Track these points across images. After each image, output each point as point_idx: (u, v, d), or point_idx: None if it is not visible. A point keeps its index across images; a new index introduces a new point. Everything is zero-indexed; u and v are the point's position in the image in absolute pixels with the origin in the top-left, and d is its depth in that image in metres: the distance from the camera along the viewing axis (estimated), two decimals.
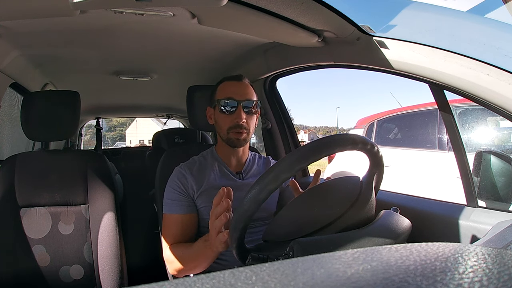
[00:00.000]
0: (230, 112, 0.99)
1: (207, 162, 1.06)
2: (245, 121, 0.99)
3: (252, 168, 1.09)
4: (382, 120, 3.55)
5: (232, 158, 1.07)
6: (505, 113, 0.74)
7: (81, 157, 1.23)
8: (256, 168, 1.10)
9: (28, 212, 1.13)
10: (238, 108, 0.99)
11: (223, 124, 1.01)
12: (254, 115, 1.02)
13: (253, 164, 1.11)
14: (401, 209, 0.71)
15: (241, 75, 1.06)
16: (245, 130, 1.00)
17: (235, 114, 0.99)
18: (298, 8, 0.83)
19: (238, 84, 1.03)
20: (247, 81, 1.05)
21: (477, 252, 0.26)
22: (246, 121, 0.99)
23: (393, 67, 0.89)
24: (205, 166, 1.04)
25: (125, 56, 1.43)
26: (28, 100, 1.18)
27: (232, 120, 0.99)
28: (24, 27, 1.02)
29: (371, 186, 0.69)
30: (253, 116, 1.02)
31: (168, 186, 1.01)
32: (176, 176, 1.01)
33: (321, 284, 0.21)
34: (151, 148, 2.64)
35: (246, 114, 0.99)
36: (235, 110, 0.99)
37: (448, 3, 0.97)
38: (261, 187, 0.58)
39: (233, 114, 0.99)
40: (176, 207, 0.97)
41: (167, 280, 0.22)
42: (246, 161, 1.09)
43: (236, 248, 0.66)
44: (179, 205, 0.97)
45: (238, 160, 1.08)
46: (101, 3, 0.76)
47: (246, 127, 1.00)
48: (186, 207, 0.97)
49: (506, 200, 0.88)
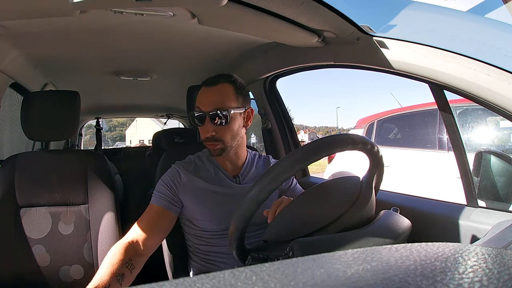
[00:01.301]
0: (200, 124, 0.95)
1: (203, 163, 1.03)
2: (214, 133, 0.93)
3: (250, 171, 1.05)
4: (382, 120, 3.55)
5: (227, 162, 1.03)
6: (505, 113, 0.74)
7: (81, 157, 1.23)
8: (255, 171, 1.06)
9: (28, 212, 1.13)
10: (206, 120, 0.93)
11: (201, 134, 0.97)
12: (226, 125, 0.93)
13: (252, 166, 1.07)
14: (401, 209, 0.71)
15: (217, 76, 0.97)
16: (216, 142, 0.94)
17: (204, 127, 0.94)
18: (298, 8, 0.83)
19: (209, 91, 0.95)
20: (226, 83, 0.95)
21: (477, 252, 0.26)
22: (216, 132, 0.93)
23: (393, 67, 0.89)
24: (201, 168, 1.02)
25: (125, 56, 1.43)
26: (28, 100, 1.18)
27: (203, 132, 0.94)
28: (24, 27, 1.02)
29: (371, 186, 0.69)
30: (226, 126, 0.93)
31: (160, 180, 1.00)
32: (170, 172, 1.01)
33: (321, 284, 0.21)
34: (151, 148, 2.64)
35: (215, 126, 0.92)
36: (203, 122, 0.94)
37: (448, 3, 0.97)
38: (261, 187, 0.58)
39: (202, 127, 0.94)
40: (160, 200, 0.96)
41: (167, 280, 0.22)
42: (244, 164, 1.05)
43: (236, 248, 0.66)
44: (163, 198, 0.96)
45: (234, 164, 1.04)
46: (101, 3, 0.76)
47: (218, 138, 0.94)
48: (168, 203, 0.95)
49: (506, 200, 0.88)
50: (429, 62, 0.82)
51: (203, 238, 1.00)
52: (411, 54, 0.85)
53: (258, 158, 1.11)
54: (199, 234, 1.00)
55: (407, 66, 0.86)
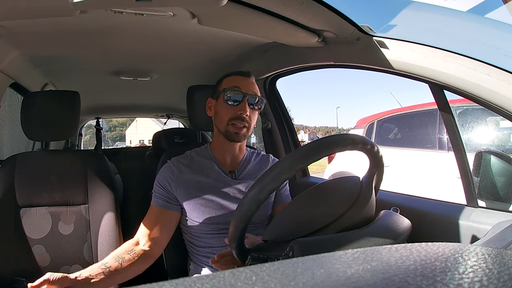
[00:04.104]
0: (234, 103, 0.99)
1: (200, 158, 1.05)
2: (248, 114, 0.98)
3: (247, 168, 1.06)
4: (382, 120, 3.55)
5: (227, 156, 1.04)
6: (505, 113, 0.74)
7: (81, 157, 1.23)
8: (251, 167, 1.07)
9: (28, 212, 1.13)
10: (244, 101, 0.98)
11: (224, 115, 0.99)
12: (256, 111, 1.02)
13: (248, 163, 1.08)
14: (401, 209, 0.71)
15: (249, 71, 1.06)
16: (246, 123, 0.99)
17: (240, 106, 0.98)
18: (298, 8, 0.83)
19: (246, 79, 1.03)
20: (254, 79, 1.06)
21: (477, 252, 0.26)
22: (249, 115, 0.99)
23: (393, 67, 0.89)
24: (197, 162, 1.04)
25: (125, 56, 1.43)
26: (28, 100, 1.18)
27: (235, 111, 0.98)
28: (24, 27, 1.02)
29: (371, 186, 0.69)
30: (255, 112, 1.02)
31: (156, 179, 1.03)
32: (163, 171, 1.03)
33: (321, 284, 0.21)
34: (151, 148, 2.64)
35: (250, 108, 0.99)
36: (239, 102, 0.98)
37: (448, 3, 0.97)
38: (261, 187, 0.58)
39: (237, 106, 0.98)
40: (159, 200, 1.00)
41: (167, 280, 0.22)
42: (241, 160, 1.07)
43: (236, 248, 0.66)
44: (161, 199, 1.00)
45: (233, 158, 1.05)
46: (101, 3, 0.76)
47: (248, 121, 0.99)
48: (166, 203, 0.99)
49: (506, 200, 0.88)
50: (429, 62, 0.82)
51: (201, 238, 1.00)
52: (411, 54, 0.85)
53: (256, 155, 1.12)
54: (195, 233, 1.01)
55: (407, 66, 0.86)
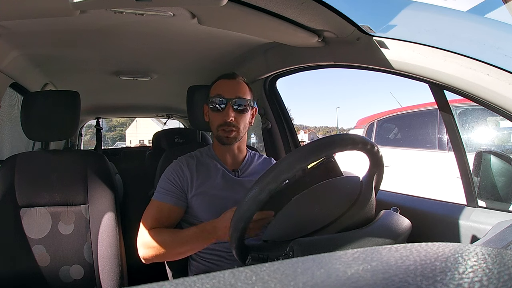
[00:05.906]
0: (220, 109, 1.01)
1: (205, 158, 1.07)
2: (233, 119, 0.99)
3: (250, 167, 1.09)
4: (382, 120, 3.55)
5: (228, 156, 1.07)
6: (505, 113, 0.74)
7: (81, 157, 1.23)
8: (254, 167, 1.09)
9: (28, 212, 1.13)
10: (227, 106, 1.00)
11: (213, 122, 1.03)
12: (244, 113, 1.02)
13: (251, 162, 1.11)
14: (401, 209, 0.71)
15: (234, 73, 1.07)
16: (233, 128, 1.00)
17: (224, 112, 1.00)
18: (298, 8, 0.83)
19: (230, 82, 1.04)
20: (241, 79, 1.06)
21: (477, 252, 0.26)
22: (234, 119, 0.99)
23: (393, 67, 0.89)
24: (203, 163, 1.06)
25: (125, 56, 1.43)
26: (28, 100, 1.18)
27: (222, 118, 1.00)
28: (24, 27, 1.02)
29: (371, 186, 0.69)
30: (243, 115, 1.02)
31: (163, 176, 1.03)
32: (173, 167, 1.03)
33: (321, 284, 0.21)
34: (151, 148, 2.63)
35: (235, 112, 1.00)
36: (224, 108, 1.00)
37: (448, 3, 0.97)
38: (261, 187, 0.58)
39: (222, 111, 1.00)
40: (167, 197, 0.99)
41: (167, 280, 0.22)
42: (243, 160, 1.09)
43: (236, 248, 0.66)
44: (170, 195, 0.99)
45: (234, 158, 1.08)
46: (101, 3, 0.76)
47: (235, 125, 1.00)
48: (176, 199, 0.99)
49: (506, 200, 0.88)
50: (429, 62, 0.82)
51: None
52: (411, 54, 0.85)
53: (259, 156, 1.15)
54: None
55: (407, 66, 0.86)
